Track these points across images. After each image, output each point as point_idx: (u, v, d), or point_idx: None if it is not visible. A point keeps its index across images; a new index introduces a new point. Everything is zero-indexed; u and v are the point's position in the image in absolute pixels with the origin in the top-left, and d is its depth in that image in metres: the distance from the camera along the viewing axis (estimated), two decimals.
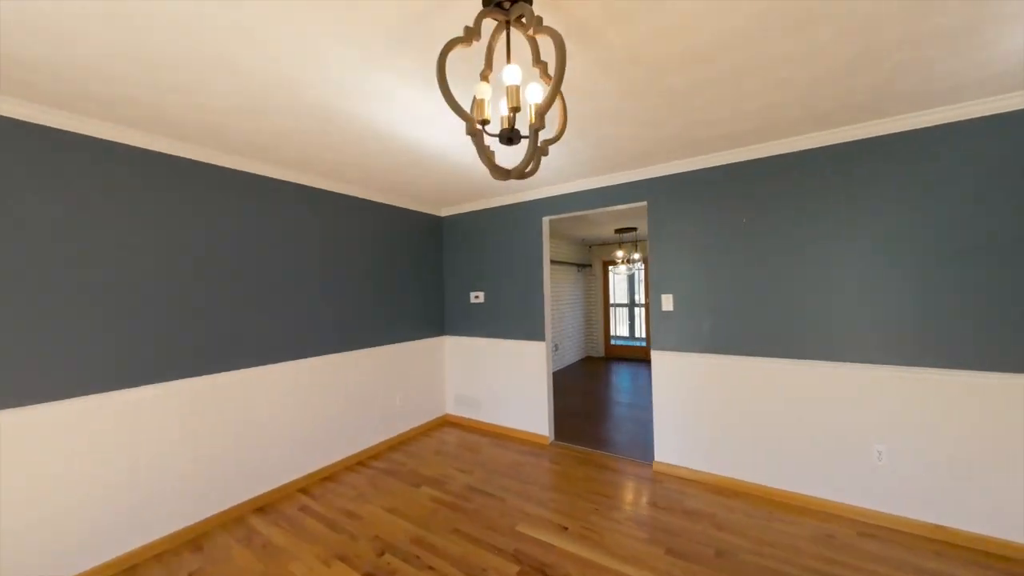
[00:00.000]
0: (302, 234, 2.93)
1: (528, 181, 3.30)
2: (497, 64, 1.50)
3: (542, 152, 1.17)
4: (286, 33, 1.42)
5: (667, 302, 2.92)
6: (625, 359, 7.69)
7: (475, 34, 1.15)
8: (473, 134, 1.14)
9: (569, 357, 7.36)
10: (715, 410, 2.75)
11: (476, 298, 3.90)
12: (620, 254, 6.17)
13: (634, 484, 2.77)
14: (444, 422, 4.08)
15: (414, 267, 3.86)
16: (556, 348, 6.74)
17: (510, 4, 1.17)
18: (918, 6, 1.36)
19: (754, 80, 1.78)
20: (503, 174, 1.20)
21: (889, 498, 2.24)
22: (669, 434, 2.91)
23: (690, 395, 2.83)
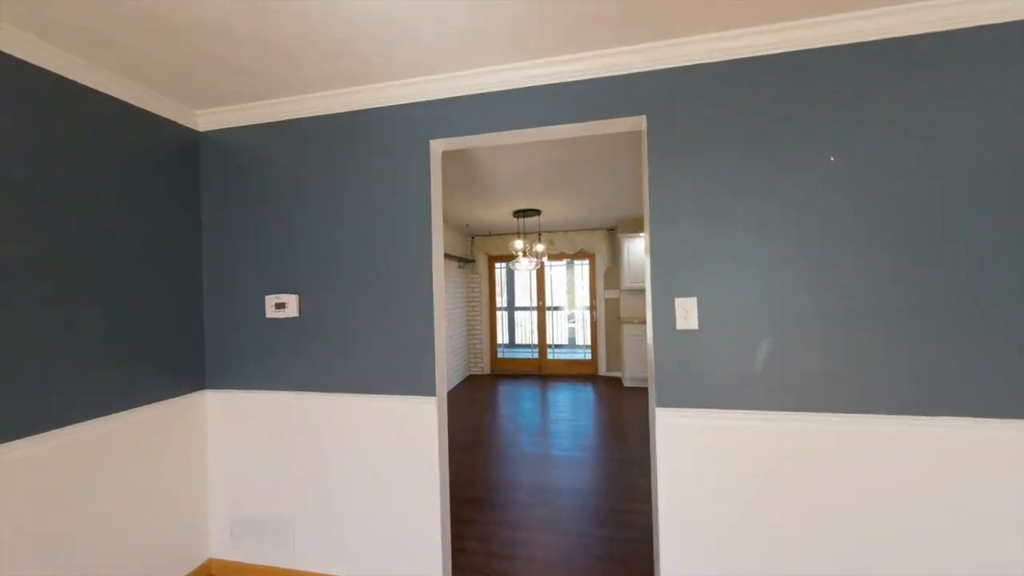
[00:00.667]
0: None
1: (403, 57, 1.51)
2: None
3: None
4: None
5: (686, 313, 1.50)
6: (517, 376, 6.34)
7: None
8: None
9: (448, 378, 5.65)
10: (791, 532, 1.43)
11: (280, 308, 1.87)
12: (519, 245, 4.75)
13: None
14: None
15: (132, 241, 1.66)
16: None
17: None
18: None
19: None
20: None
21: None
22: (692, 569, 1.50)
23: (737, 496, 1.46)
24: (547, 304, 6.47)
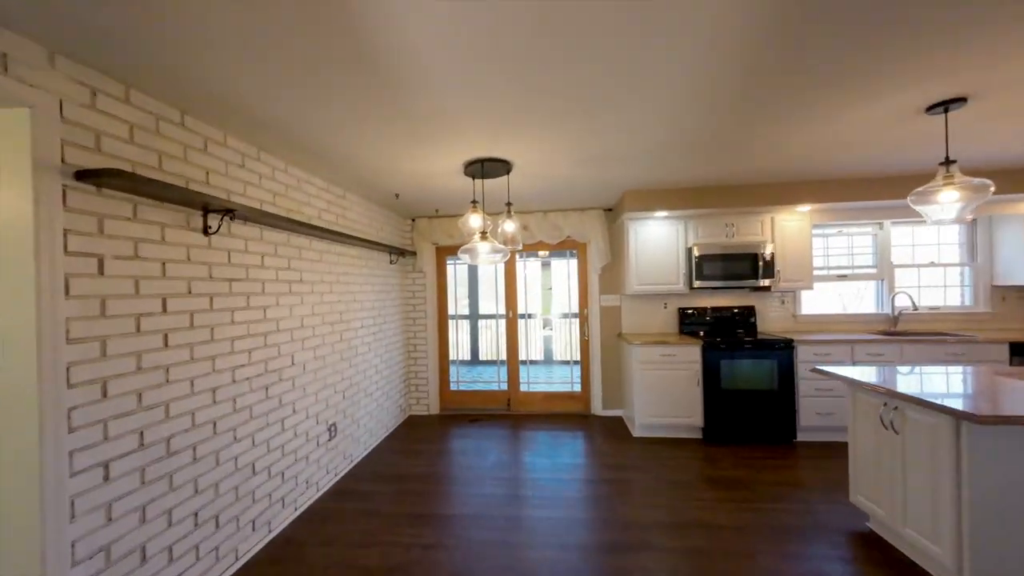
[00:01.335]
0: None
1: None
2: None
3: None
4: None
5: None
6: (477, 417, 4.43)
7: None
8: None
9: (374, 430, 3.64)
10: None
11: None
12: (475, 222, 2.86)
13: None
14: None
15: None
16: (331, 431, 2.98)
17: None
18: None
19: None
20: None
21: None
22: None
23: None
24: (521, 312, 4.61)
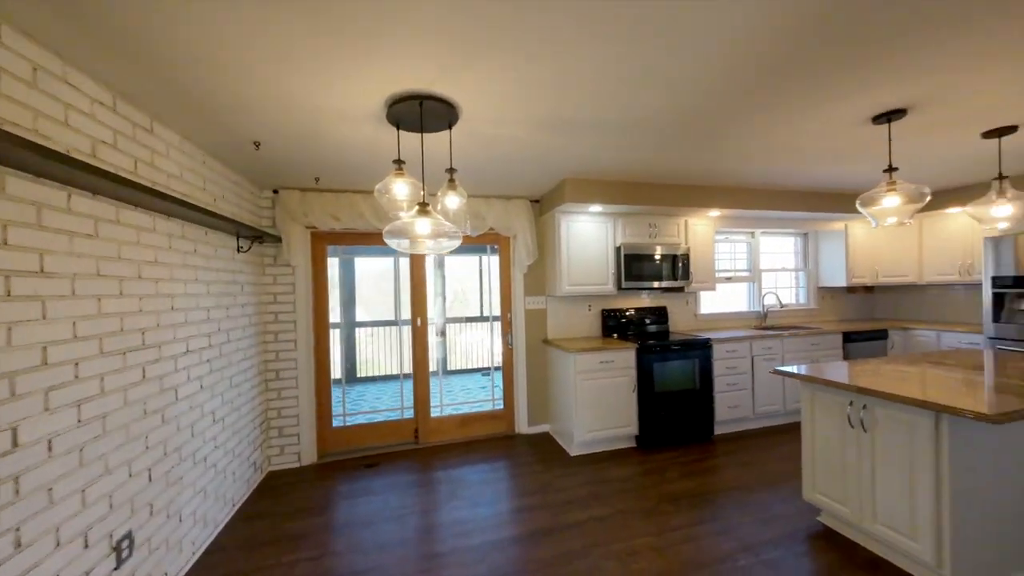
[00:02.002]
0: None
1: None
2: None
3: None
4: None
5: None
6: (373, 461, 3.32)
7: None
8: None
9: (211, 514, 2.28)
10: None
11: None
12: (402, 191, 1.93)
13: None
14: None
15: None
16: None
17: None
18: None
19: None
20: None
21: None
22: None
23: None
24: (429, 318, 3.69)
